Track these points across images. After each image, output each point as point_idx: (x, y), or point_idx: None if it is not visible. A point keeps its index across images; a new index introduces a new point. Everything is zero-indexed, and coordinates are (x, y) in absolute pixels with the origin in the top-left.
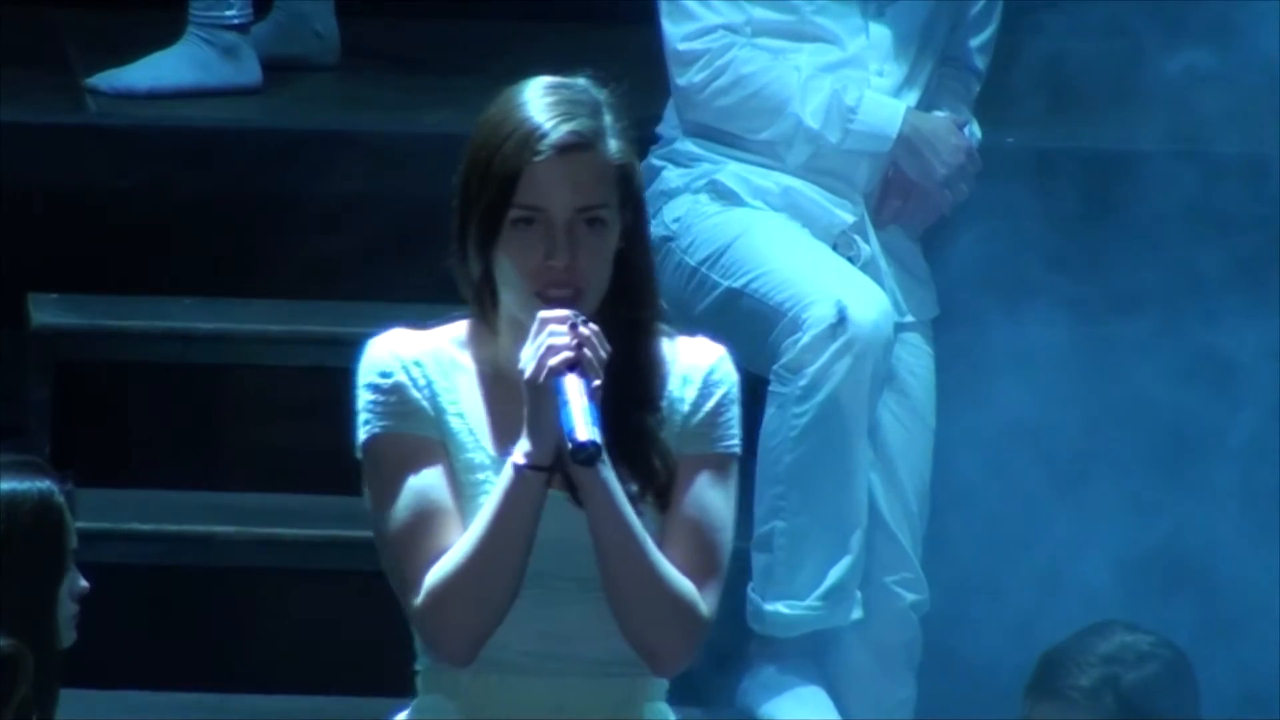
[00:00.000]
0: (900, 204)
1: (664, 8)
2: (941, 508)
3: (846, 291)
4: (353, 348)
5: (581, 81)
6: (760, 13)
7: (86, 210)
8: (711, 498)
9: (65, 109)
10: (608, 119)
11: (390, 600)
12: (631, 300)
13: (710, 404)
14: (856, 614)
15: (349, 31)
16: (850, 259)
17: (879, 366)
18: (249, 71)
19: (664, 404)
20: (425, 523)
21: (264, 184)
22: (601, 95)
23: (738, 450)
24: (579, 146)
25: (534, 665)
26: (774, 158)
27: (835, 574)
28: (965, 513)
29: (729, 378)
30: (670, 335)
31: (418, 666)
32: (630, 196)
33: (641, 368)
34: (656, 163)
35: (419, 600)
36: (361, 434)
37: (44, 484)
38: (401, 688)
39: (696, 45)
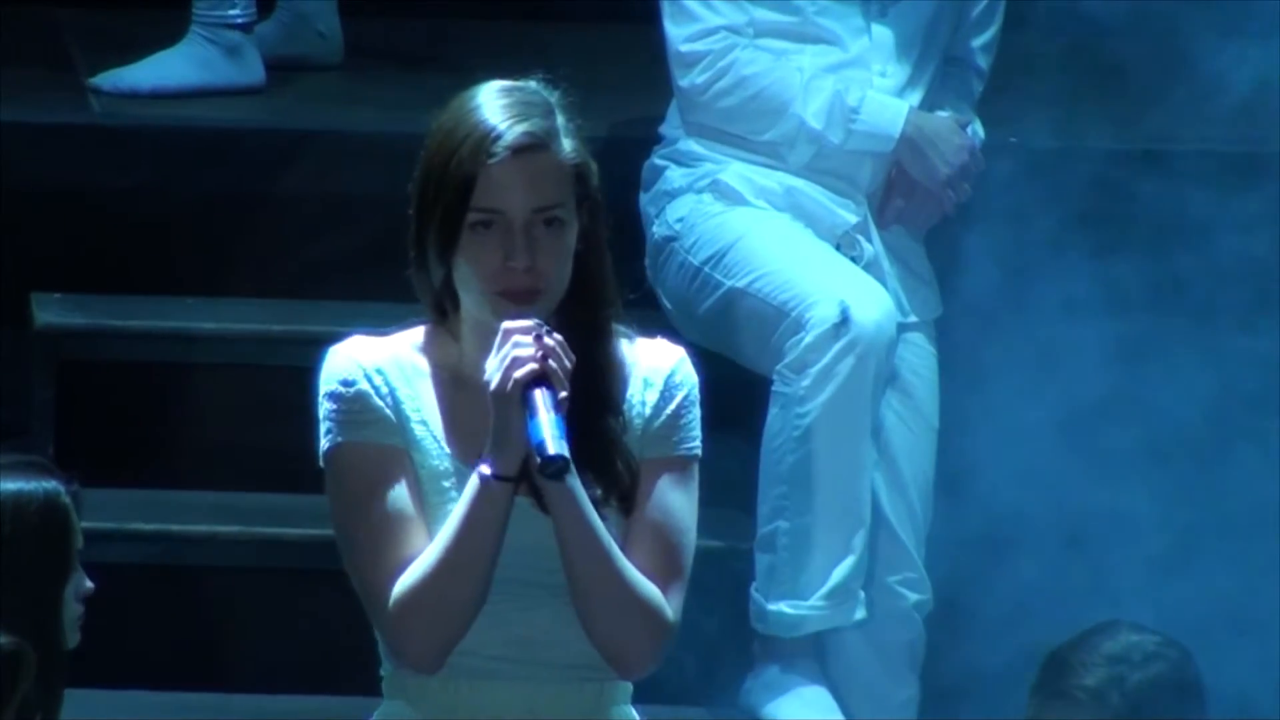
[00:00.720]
0: (903, 204)
1: (666, 9)
2: (945, 507)
3: (850, 291)
4: None
5: (533, 84)
6: (762, 14)
7: (89, 210)
8: (675, 501)
9: (68, 109)
10: (560, 119)
11: None
12: (589, 301)
13: (672, 407)
14: (860, 614)
15: (352, 31)
16: (853, 259)
17: (882, 366)
18: (252, 71)
19: (625, 407)
20: (390, 532)
21: (267, 184)
22: (553, 96)
23: (699, 452)
24: (533, 147)
25: (504, 670)
26: (777, 158)
27: (839, 574)
28: (969, 512)
29: (689, 379)
30: (630, 337)
31: (382, 672)
32: (586, 196)
33: (600, 369)
34: (660, 163)
35: (387, 611)
36: (324, 443)
37: (50, 484)
38: None
39: (699, 46)
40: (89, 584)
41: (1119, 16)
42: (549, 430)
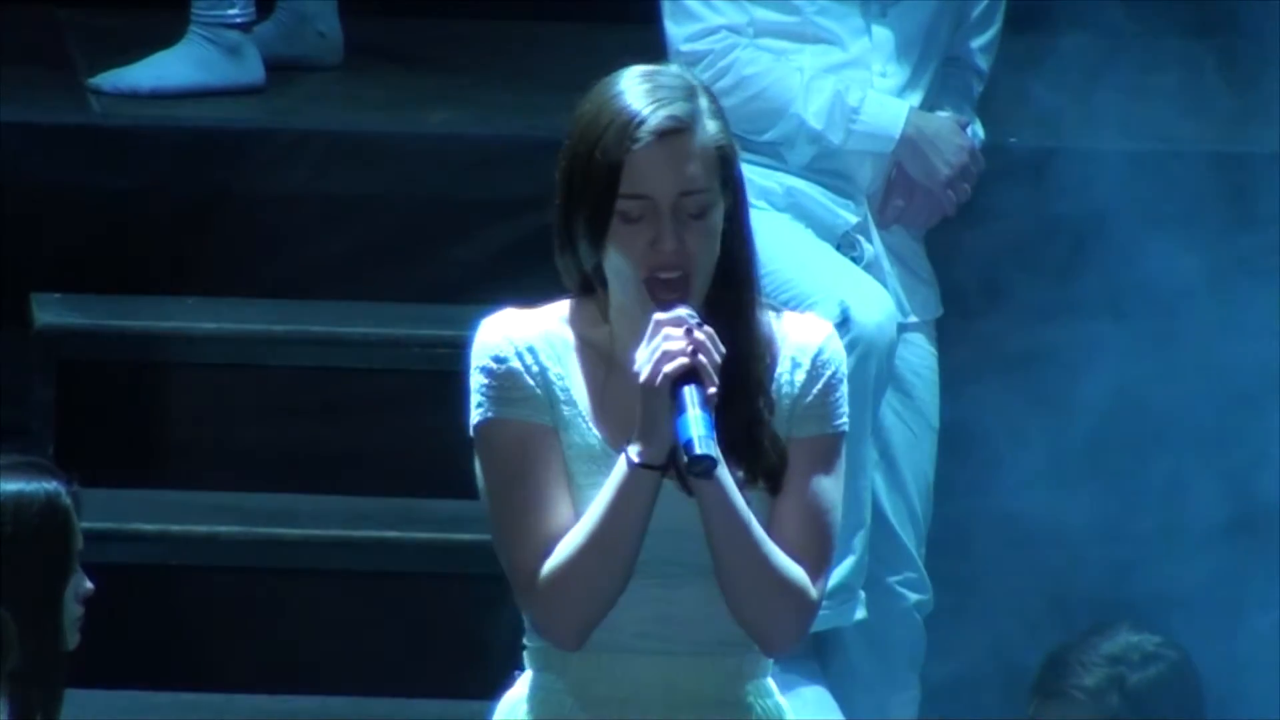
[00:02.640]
0: (904, 204)
1: (667, 9)
2: (945, 506)
3: (850, 292)
4: (354, 348)
5: (674, 68)
6: (762, 14)
7: (89, 210)
8: (822, 479)
9: (68, 109)
10: (703, 102)
11: (393, 600)
12: (732, 282)
13: (820, 385)
14: (860, 614)
15: (352, 31)
16: (853, 260)
17: (883, 367)
18: (252, 70)
19: (774, 387)
20: (538, 510)
21: (266, 184)
22: (695, 80)
23: (846, 428)
24: (677, 131)
25: (645, 646)
26: (777, 158)
27: (839, 574)
28: (970, 511)
29: (837, 356)
30: (777, 311)
31: (526, 643)
32: (730, 178)
33: (747, 352)
34: None
35: (533, 590)
36: (475, 416)
37: (51, 485)
38: (404, 687)
39: (699, 46)
40: (88, 585)
41: None
42: (697, 429)
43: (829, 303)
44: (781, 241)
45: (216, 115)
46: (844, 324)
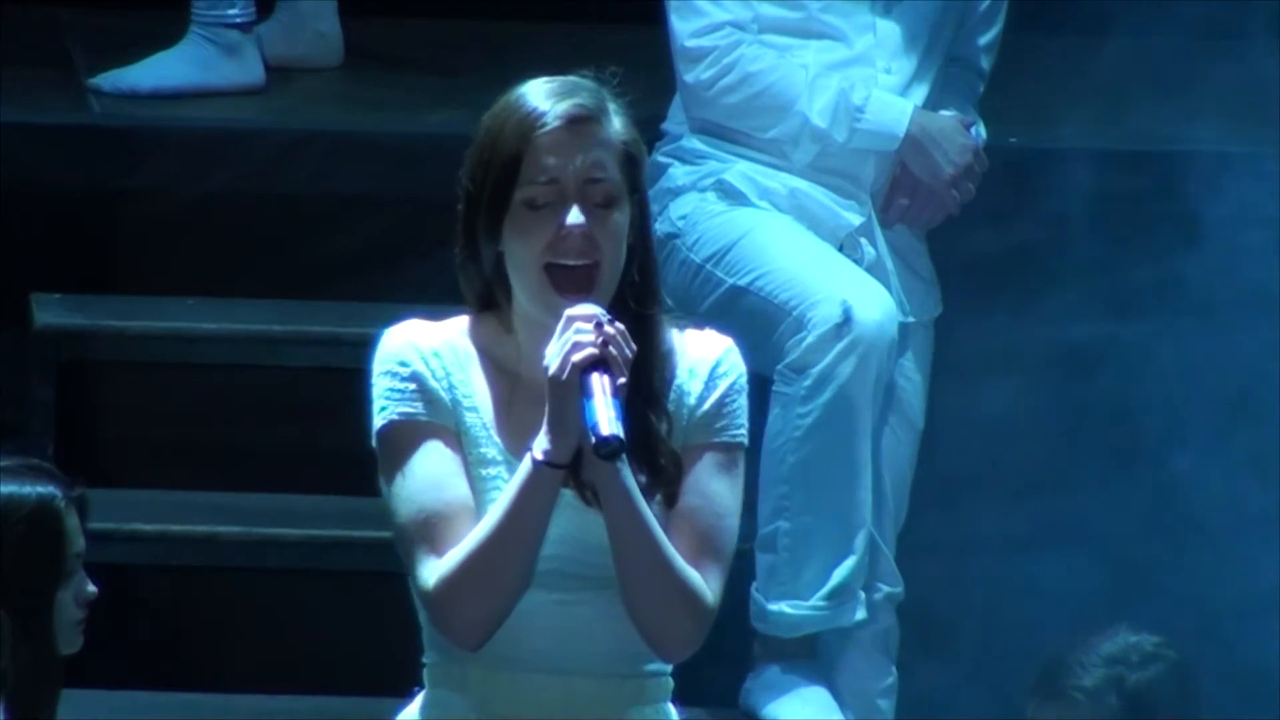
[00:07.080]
0: (908, 203)
1: (672, 5)
2: (940, 506)
3: (852, 291)
4: (354, 348)
5: (580, 77)
6: (767, 10)
7: (89, 210)
8: (715, 486)
9: (68, 109)
10: (610, 101)
11: (392, 601)
12: (637, 296)
13: (715, 395)
14: (860, 614)
15: (352, 31)
16: (855, 261)
17: (883, 367)
18: (252, 71)
19: (671, 398)
20: (441, 510)
21: (266, 184)
22: (602, 85)
23: (743, 440)
24: (584, 119)
25: (544, 663)
26: (780, 156)
27: (839, 574)
28: (957, 510)
29: (735, 369)
30: (680, 328)
31: (425, 660)
32: (637, 186)
33: (648, 365)
34: (663, 160)
35: (431, 586)
36: (379, 421)
37: (45, 489)
38: (404, 688)
39: (704, 42)
40: (91, 588)
41: None
42: (604, 412)
43: (830, 301)
44: (784, 240)
45: (216, 115)
46: (846, 324)
